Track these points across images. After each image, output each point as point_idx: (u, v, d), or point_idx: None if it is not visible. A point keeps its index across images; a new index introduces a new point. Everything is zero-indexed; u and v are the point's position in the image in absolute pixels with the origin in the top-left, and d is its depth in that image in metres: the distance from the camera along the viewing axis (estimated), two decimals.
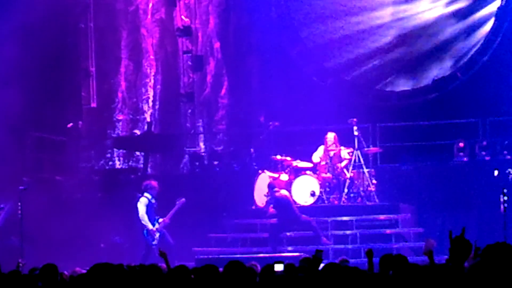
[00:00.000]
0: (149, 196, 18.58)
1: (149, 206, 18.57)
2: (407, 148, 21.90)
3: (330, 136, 20.34)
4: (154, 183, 18.73)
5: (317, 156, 20.27)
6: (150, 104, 24.61)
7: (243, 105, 24.19)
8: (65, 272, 10.73)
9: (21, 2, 21.50)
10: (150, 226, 18.54)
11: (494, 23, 22.75)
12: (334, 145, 20.28)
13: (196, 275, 7.13)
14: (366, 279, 6.30)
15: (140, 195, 18.64)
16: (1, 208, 19.89)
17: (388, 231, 19.58)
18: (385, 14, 23.64)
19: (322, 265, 9.38)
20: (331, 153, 20.24)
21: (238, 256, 17.25)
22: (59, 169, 22.95)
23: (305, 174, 20.05)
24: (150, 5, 24.71)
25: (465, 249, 5.52)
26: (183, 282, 7.02)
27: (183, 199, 18.80)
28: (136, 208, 18.60)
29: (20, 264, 13.40)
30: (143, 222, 18.56)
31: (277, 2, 24.35)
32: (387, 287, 7.00)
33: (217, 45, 24.54)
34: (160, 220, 18.62)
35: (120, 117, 24.59)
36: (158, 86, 24.66)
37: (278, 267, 8.19)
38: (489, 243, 5.91)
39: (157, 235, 18.55)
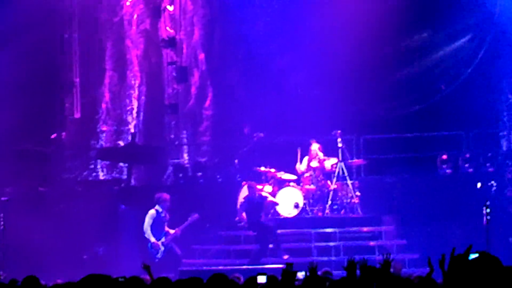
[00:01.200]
0: (160, 209, 18.53)
1: (157, 219, 18.51)
2: (391, 160, 21.94)
3: (314, 147, 20.39)
4: (165, 195, 18.68)
5: (302, 166, 20.26)
6: (134, 115, 24.55)
7: (228, 116, 24.18)
8: (42, 283, 10.65)
9: (4, 12, 21.43)
10: (152, 239, 18.45)
11: (477, 36, 22.85)
12: (318, 156, 20.32)
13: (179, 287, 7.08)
14: None
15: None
16: None
17: (371, 243, 19.59)
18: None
19: (301, 276, 9.37)
20: (314, 164, 20.27)
21: (221, 268, 17.24)
22: (42, 180, 22.85)
23: (289, 185, 20.05)
24: (135, 16, 24.68)
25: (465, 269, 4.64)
26: None
27: (197, 215, 18.78)
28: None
29: (1, 277, 13.30)
30: (146, 235, 18.51)
31: (262, 13, 24.36)
32: None
33: (201, 56, 24.53)
34: (172, 231, 18.52)
35: (104, 128, 24.52)
36: (143, 97, 24.62)
37: (261, 279, 8.18)
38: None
39: (162, 249, 18.43)
